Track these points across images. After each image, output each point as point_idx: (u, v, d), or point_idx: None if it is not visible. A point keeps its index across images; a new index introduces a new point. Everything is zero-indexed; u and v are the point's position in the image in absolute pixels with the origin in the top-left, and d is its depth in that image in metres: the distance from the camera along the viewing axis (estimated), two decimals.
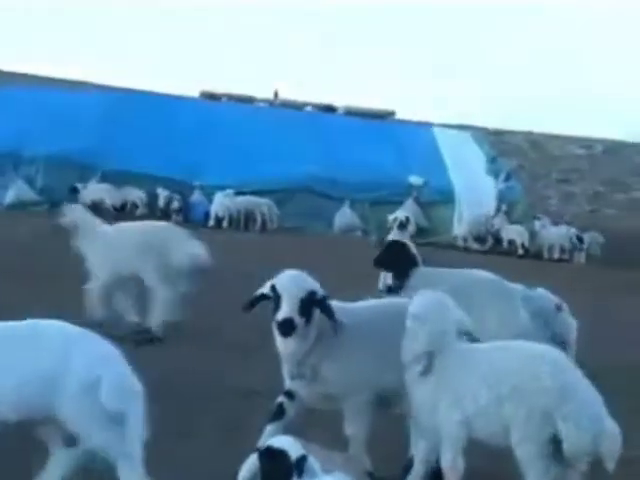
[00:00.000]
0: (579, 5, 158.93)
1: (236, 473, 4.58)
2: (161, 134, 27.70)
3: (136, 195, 24.98)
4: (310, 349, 5.17)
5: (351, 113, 34.99)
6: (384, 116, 36.43)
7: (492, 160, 29.44)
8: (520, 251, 24.50)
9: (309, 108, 36.26)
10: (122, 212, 24.79)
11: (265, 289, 5.23)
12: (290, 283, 5.13)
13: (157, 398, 7.00)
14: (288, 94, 38.10)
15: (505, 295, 7.95)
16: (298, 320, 5.03)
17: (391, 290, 8.39)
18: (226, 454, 5.48)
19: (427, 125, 33.76)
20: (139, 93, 32.62)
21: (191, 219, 25.23)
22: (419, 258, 8.49)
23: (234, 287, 13.14)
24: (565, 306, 8.74)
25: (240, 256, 16.50)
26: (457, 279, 8.08)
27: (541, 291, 9.03)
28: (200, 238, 10.40)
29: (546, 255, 25.54)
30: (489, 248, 25.05)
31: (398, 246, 8.77)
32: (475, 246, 25.00)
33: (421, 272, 8.07)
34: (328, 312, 5.12)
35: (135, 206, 24.98)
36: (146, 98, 31.64)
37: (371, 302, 5.81)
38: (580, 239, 25.58)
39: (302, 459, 4.01)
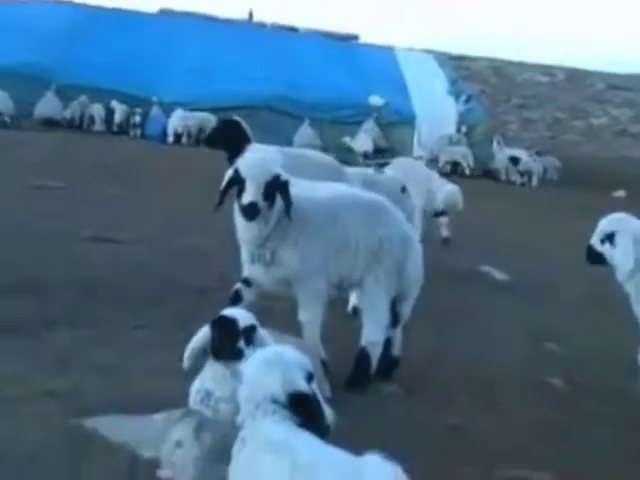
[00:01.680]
0: None
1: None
2: (118, 49, 27.12)
3: (96, 109, 24.57)
4: (271, 232, 5.16)
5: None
6: (347, 39, 35.95)
7: (453, 82, 29.35)
8: (467, 172, 24.54)
9: (269, 29, 35.57)
10: (80, 127, 24.51)
11: (229, 173, 5.17)
12: (254, 166, 5.05)
13: (110, 295, 7.08)
14: (263, 17, 37.27)
15: (338, 173, 8.08)
16: (262, 204, 4.98)
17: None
18: (181, 341, 5.52)
19: (389, 47, 33.39)
20: (96, 8, 31.73)
21: (148, 135, 24.97)
22: (251, 134, 8.46)
23: (191, 197, 13.19)
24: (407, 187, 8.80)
25: (198, 167, 16.42)
26: (292, 157, 8.07)
27: (388, 174, 9.24)
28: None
29: (504, 177, 25.73)
30: (449, 170, 25.10)
31: (230, 124, 8.56)
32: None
33: (257, 149, 7.92)
34: (286, 196, 5.09)
35: (92, 120, 24.60)
36: (103, 13, 30.79)
37: (331, 191, 5.74)
38: (515, 162, 25.48)
39: (251, 328, 4.10)
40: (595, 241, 5.67)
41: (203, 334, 4.19)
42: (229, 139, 8.43)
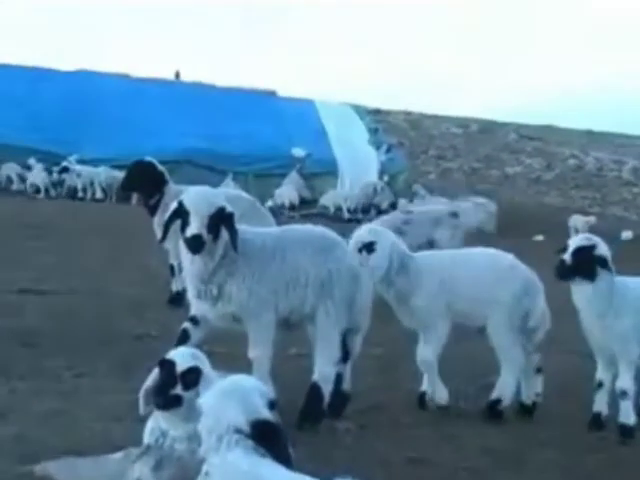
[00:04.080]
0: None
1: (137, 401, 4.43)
2: (36, 107, 26.76)
3: (11, 168, 24.01)
4: (217, 267, 5.04)
5: None
6: (265, 95, 36.14)
7: (374, 132, 29.76)
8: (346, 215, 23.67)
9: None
10: None
11: (173, 206, 5.06)
12: (198, 199, 4.98)
13: (45, 345, 6.79)
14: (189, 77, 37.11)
15: (259, 212, 8.49)
16: (206, 236, 4.89)
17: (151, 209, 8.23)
18: (125, 387, 5.33)
19: (309, 100, 33.72)
20: (13, 66, 31.27)
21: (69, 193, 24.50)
22: (167, 175, 8.42)
23: (120, 246, 12.94)
24: None
25: (128, 220, 16.10)
26: None
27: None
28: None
29: None
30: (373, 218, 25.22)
31: (143, 166, 8.46)
32: (360, 216, 25.07)
33: (175, 189, 7.94)
34: (231, 228, 5.00)
35: (10, 181, 24.05)
36: (20, 70, 30.40)
37: (279, 227, 5.75)
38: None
39: (190, 371, 3.81)
40: (352, 250, 5.82)
41: (153, 376, 4.00)
42: (144, 180, 8.30)
